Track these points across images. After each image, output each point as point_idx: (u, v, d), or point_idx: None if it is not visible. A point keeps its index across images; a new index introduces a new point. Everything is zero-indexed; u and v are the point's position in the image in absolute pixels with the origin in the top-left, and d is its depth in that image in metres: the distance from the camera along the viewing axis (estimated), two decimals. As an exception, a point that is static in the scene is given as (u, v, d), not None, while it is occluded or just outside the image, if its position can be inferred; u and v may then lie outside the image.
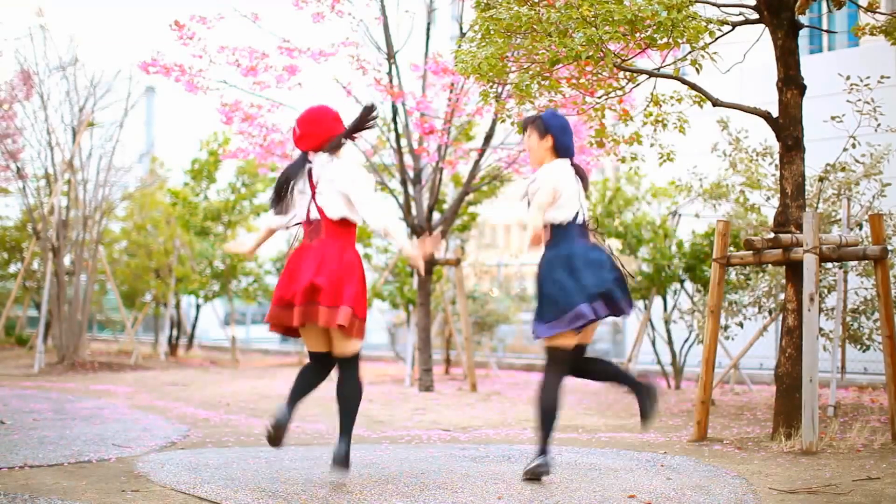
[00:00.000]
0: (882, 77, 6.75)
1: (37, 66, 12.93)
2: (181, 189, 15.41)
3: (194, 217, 15.08)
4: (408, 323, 12.42)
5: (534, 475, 4.73)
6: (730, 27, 6.37)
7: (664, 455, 5.55)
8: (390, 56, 9.86)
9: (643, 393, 4.87)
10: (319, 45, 9.42)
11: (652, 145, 6.45)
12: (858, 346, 7.73)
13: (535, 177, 4.89)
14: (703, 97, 6.39)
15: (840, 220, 7.47)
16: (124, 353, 15.51)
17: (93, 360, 12.95)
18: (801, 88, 6.26)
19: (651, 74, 6.20)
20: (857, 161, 7.54)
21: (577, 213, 4.86)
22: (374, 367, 13.57)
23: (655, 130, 6.36)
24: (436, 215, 11.09)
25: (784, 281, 6.66)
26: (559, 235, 4.84)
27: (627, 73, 6.20)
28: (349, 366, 4.76)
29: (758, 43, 6.75)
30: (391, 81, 9.82)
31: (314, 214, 4.77)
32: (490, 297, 13.01)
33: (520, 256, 14.72)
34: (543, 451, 4.74)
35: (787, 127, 6.24)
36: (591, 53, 5.29)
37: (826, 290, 7.74)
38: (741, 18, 6.47)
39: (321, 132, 4.87)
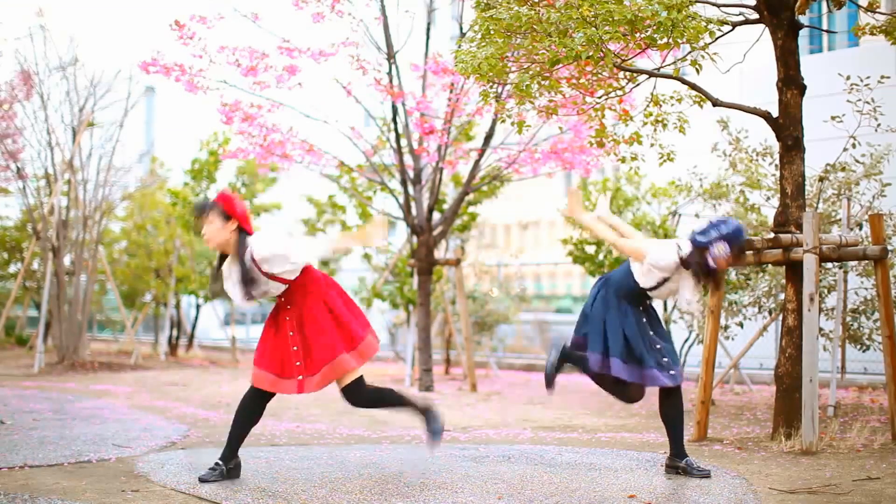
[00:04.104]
0: (882, 77, 6.74)
1: (37, 66, 12.93)
2: (181, 189, 15.40)
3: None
4: (408, 323, 12.42)
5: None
6: (730, 27, 6.37)
7: (664, 455, 5.54)
8: (390, 56, 9.86)
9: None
10: (319, 45, 9.42)
11: (652, 145, 6.45)
12: (858, 346, 7.73)
13: None
14: (703, 97, 6.39)
15: (840, 220, 7.47)
16: (124, 353, 15.50)
17: (93, 360, 12.94)
18: (801, 88, 6.26)
19: (651, 74, 6.20)
20: (857, 161, 7.54)
21: None
22: (374, 367, 13.56)
23: (655, 130, 6.36)
24: (436, 215, 11.09)
25: (784, 281, 6.66)
26: None
27: (627, 73, 6.20)
28: None
29: (758, 43, 6.74)
30: (391, 81, 9.81)
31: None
32: (490, 297, 13.00)
33: (520, 256, 14.70)
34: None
35: (787, 127, 6.24)
36: (591, 53, 5.29)
37: (826, 290, 7.74)
38: (741, 18, 6.46)
39: None
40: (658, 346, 4.93)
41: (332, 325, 4.79)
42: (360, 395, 4.82)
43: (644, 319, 5.01)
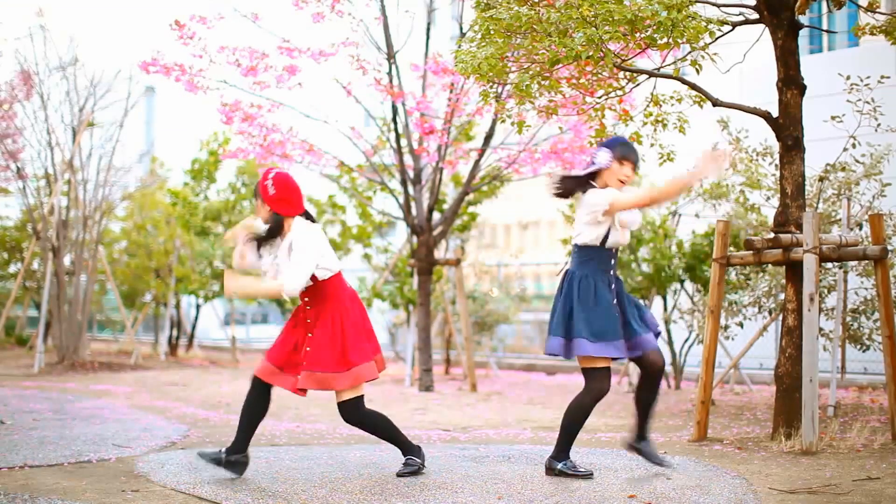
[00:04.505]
0: (882, 77, 6.74)
1: (37, 66, 12.93)
2: (181, 189, 15.41)
3: (194, 217, 15.07)
4: (408, 323, 12.42)
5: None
6: (730, 27, 6.37)
7: (664, 455, 5.54)
8: (390, 56, 9.86)
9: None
10: (319, 45, 9.42)
11: (652, 145, 6.45)
12: (858, 346, 7.72)
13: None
14: (703, 97, 6.39)
15: (840, 220, 7.47)
16: (124, 353, 15.51)
17: (93, 360, 12.94)
18: (801, 88, 6.26)
19: (651, 74, 6.20)
20: (857, 161, 7.54)
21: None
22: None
23: (655, 130, 6.36)
24: (436, 215, 11.09)
25: (784, 281, 6.66)
26: None
27: (627, 73, 6.20)
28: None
29: (758, 43, 6.74)
30: (391, 81, 9.81)
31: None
32: (490, 297, 13.01)
33: (520, 256, 14.71)
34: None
35: (787, 127, 6.23)
36: (591, 53, 5.29)
37: (826, 290, 7.74)
38: (741, 18, 6.46)
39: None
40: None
41: (339, 338, 4.82)
42: (355, 415, 4.90)
43: (615, 301, 4.93)
